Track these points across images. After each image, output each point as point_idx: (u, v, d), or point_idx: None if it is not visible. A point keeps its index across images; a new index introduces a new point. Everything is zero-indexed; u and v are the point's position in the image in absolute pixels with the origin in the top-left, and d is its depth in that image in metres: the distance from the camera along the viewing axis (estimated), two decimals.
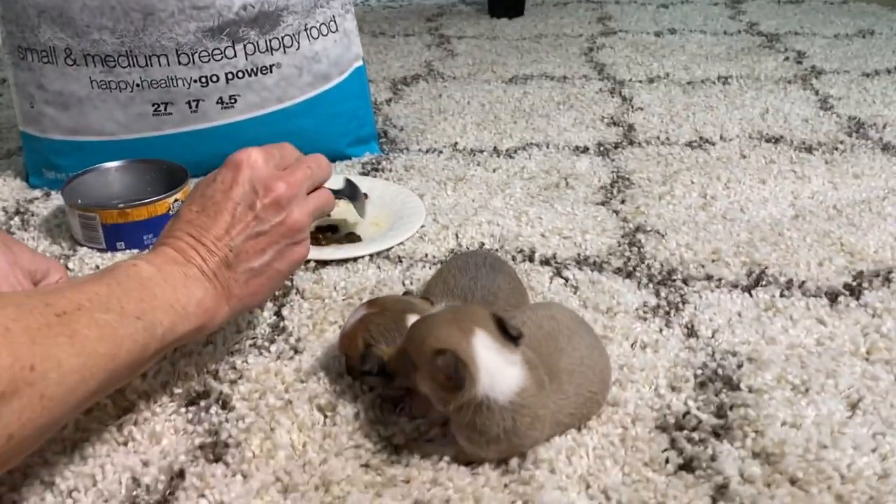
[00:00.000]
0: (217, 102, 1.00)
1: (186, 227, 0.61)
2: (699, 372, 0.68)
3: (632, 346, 0.73)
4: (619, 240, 0.91)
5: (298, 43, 1.02)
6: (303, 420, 0.63)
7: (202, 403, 0.65)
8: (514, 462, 0.58)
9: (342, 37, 1.07)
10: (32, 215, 0.97)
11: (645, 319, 0.76)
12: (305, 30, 1.02)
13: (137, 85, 0.97)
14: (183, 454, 0.60)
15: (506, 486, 0.57)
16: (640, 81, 1.48)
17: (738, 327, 0.74)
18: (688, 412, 0.63)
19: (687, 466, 0.59)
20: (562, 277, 0.83)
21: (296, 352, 0.72)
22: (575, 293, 0.80)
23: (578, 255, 0.88)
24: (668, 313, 0.77)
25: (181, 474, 0.58)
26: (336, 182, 0.82)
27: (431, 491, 0.56)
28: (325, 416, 0.64)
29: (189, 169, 0.93)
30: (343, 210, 0.91)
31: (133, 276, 0.55)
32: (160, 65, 0.96)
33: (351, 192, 0.88)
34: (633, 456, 0.59)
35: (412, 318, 0.65)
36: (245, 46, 0.98)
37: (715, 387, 0.66)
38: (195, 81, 0.98)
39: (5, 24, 0.97)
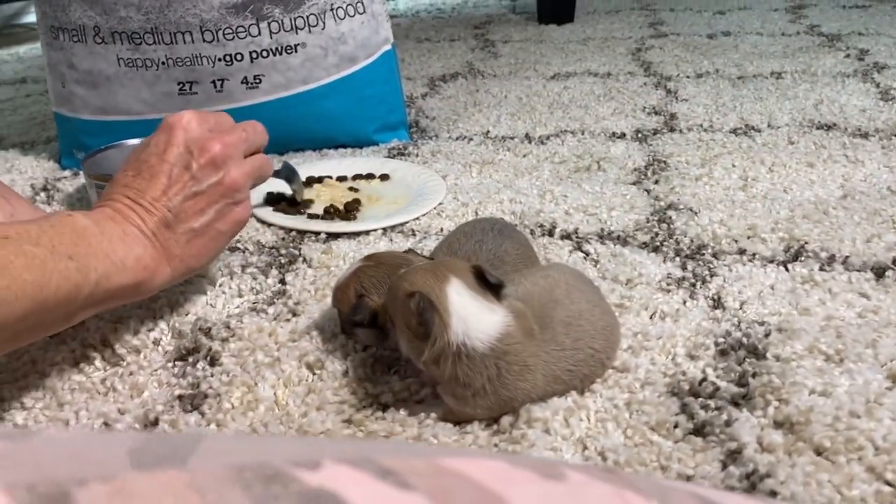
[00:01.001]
0: (242, 82, 1.00)
1: (123, 190, 0.60)
2: (721, 340, 0.62)
3: (651, 316, 0.67)
4: (647, 216, 0.86)
5: (324, 22, 1.01)
6: (289, 376, 0.60)
7: (190, 359, 0.63)
8: (505, 420, 0.53)
9: (370, 19, 1.05)
10: (58, 191, 0.98)
11: (668, 291, 0.71)
12: (331, 9, 1.01)
13: (163, 63, 0.97)
14: (161, 405, 0.57)
15: (495, 445, 0.52)
16: (688, 77, 1.42)
17: (769, 299, 0.68)
18: (704, 379, 0.58)
19: (698, 432, 0.53)
20: (582, 251, 0.78)
21: (294, 315, 0.69)
22: (595, 266, 0.76)
23: (602, 230, 0.83)
24: (693, 285, 0.71)
25: (156, 422, 0.56)
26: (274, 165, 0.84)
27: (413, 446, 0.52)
28: (313, 374, 0.61)
29: None
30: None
31: (67, 223, 0.53)
32: (185, 42, 0.96)
33: (287, 175, 0.88)
34: (637, 419, 0.54)
35: None
36: (269, 24, 0.98)
37: (738, 355, 0.60)
38: (220, 60, 0.98)
39: (40, 5, 0.99)
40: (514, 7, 2.32)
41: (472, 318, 0.51)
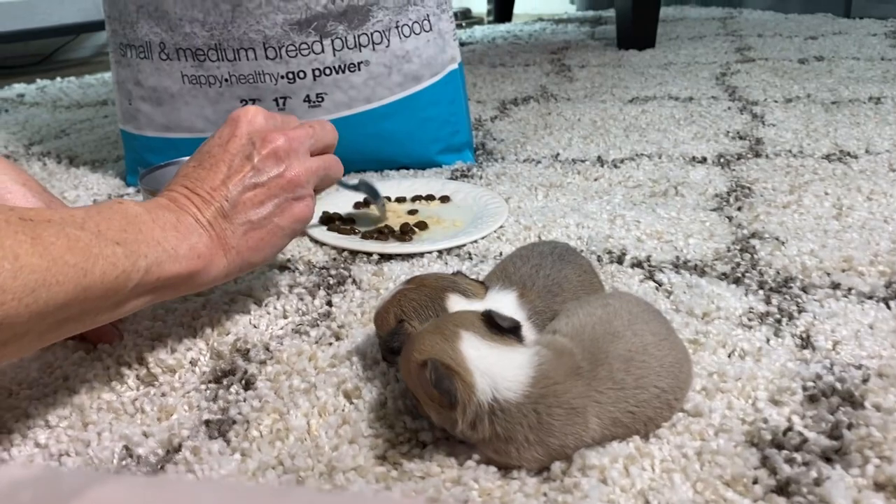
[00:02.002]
0: (304, 100, 0.98)
1: (182, 180, 0.59)
2: (810, 385, 0.55)
3: (729, 354, 0.60)
4: (728, 245, 0.78)
5: (388, 40, 0.98)
6: (324, 404, 0.55)
7: (225, 382, 0.59)
8: (556, 466, 0.47)
9: (436, 37, 1.02)
10: None
11: (749, 327, 0.63)
12: (396, 27, 0.98)
13: (226, 80, 0.96)
14: (187, 429, 0.54)
15: (544, 494, 0.46)
16: (776, 101, 1.33)
17: (867, 340, 0.60)
18: (790, 428, 0.50)
19: (781, 490, 0.45)
20: (653, 281, 0.72)
21: (336, 338, 0.65)
22: (668, 297, 0.69)
23: (677, 258, 0.76)
24: (778, 321, 0.64)
25: (178, 448, 0.52)
26: (351, 180, 0.85)
27: (451, 490, 0.46)
28: (350, 402, 0.56)
29: None
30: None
31: (117, 209, 0.52)
32: (248, 59, 0.95)
33: (367, 190, 0.86)
34: (709, 471, 0.47)
35: (453, 298, 0.57)
36: (333, 42, 0.96)
37: (830, 403, 0.52)
38: (282, 77, 0.96)
39: (110, 23, 1.00)
40: (594, 33, 2.27)
41: (496, 368, 0.46)
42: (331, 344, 0.64)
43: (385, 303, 0.58)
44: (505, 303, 0.59)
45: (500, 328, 0.48)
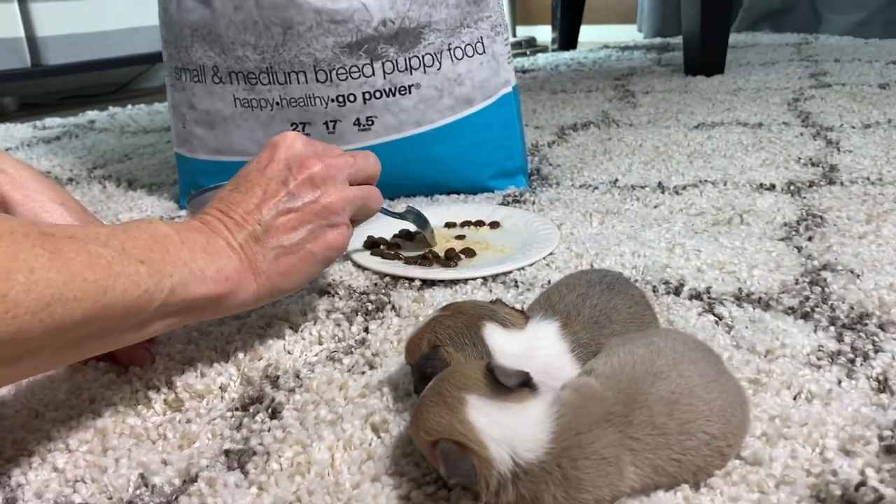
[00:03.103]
0: (354, 124, 0.97)
1: (217, 203, 0.58)
2: (887, 434, 0.49)
3: (794, 396, 0.54)
4: (797, 277, 0.72)
5: (440, 63, 0.96)
6: (349, 437, 0.52)
7: (251, 409, 0.57)
8: None
9: (490, 59, 0.99)
10: None
11: (818, 367, 0.57)
12: (448, 49, 0.96)
13: (277, 103, 0.96)
14: (207, 458, 0.51)
15: None
16: (853, 127, 1.26)
17: None
18: (863, 483, 0.44)
19: None
20: (713, 314, 0.66)
21: (370, 367, 0.62)
22: (728, 332, 0.63)
23: (739, 290, 0.70)
24: (851, 361, 0.58)
25: (195, 479, 0.49)
26: (397, 208, 0.84)
27: None
28: (378, 436, 0.53)
29: None
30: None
31: (144, 228, 0.51)
32: (298, 82, 0.94)
33: (415, 219, 0.84)
34: None
35: (490, 327, 0.53)
36: (384, 64, 0.94)
37: None
38: (332, 101, 0.95)
39: (166, 47, 1.01)
40: (661, 60, 2.21)
41: (511, 431, 0.42)
42: (363, 373, 0.61)
43: (419, 330, 0.55)
44: (546, 334, 0.55)
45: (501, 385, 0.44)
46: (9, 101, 2.39)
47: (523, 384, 0.45)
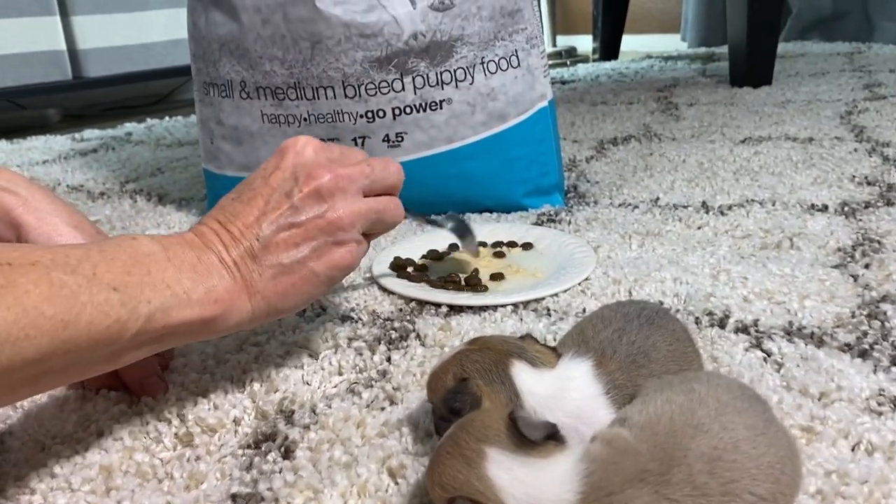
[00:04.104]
0: (383, 140, 0.94)
1: (217, 212, 0.54)
2: None
3: (853, 447, 0.49)
4: (853, 310, 0.67)
5: (472, 77, 0.93)
6: (364, 482, 0.49)
7: (263, 448, 0.54)
8: None
9: (525, 73, 0.96)
10: None
11: (879, 414, 0.52)
12: (482, 63, 0.93)
13: (305, 119, 0.93)
14: (212, 502, 0.48)
15: None
16: None
17: None
18: None
19: None
20: (761, 350, 0.61)
21: (391, 402, 0.58)
22: (777, 371, 0.59)
23: (790, 323, 0.65)
24: None
25: None
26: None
27: None
28: (394, 482, 0.49)
29: None
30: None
31: (126, 247, 0.47)
32: (327, 97, 0.92)
33: (456, 227, 0.78)
34: None
35: (518, 366, 0.49)
36: (414, 79, 0.91)
37: None
38: (361, 116, 0.92)
39: (195, 62, 0.99)
40: (705, 70, 2.15)
41: (535, 491, 0.38)
42: (383, 409, 0.57)
43: (443, 363, 0.51)
44: (579, 373, 0.51)
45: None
46: (52, 113, 2.42)
47: (549, 437, 0.41)
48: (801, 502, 0.44)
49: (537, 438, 0.40)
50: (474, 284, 0.75)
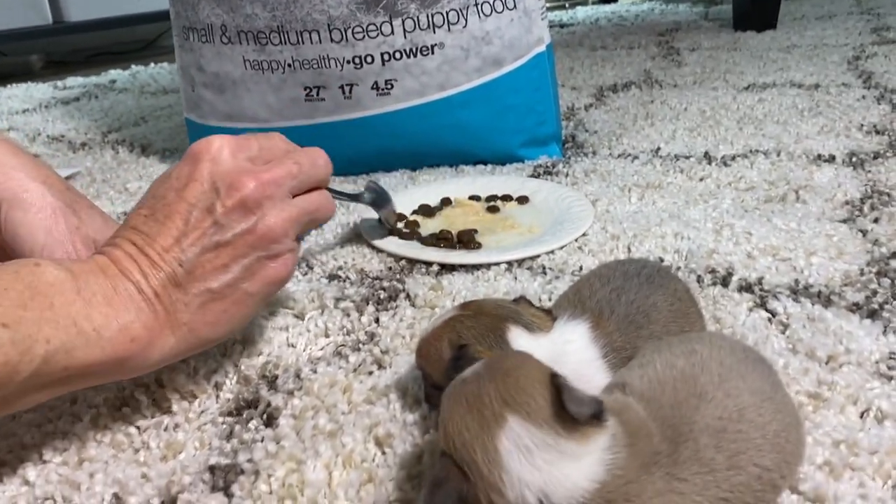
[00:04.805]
0: (372, 88, 0.89)
1: (130, 234, 0.47)
2: None
3: (861, 414, 0.47)
4: (862, 267, 0.64)
5: (466, 20, 0.88)
6: (350, 452, 0.46)
7: (244, 415, 0.51)
8: None
9: (521, 16, 0.91)
10: None
11: (889, 378, 0.50)
12: (475, 5, 0.88)
13: (289, 65, 0.89)
14: (190, 475, 0.46)
15: None
16: None
17: None
18: None
19: None
20: (766, 310, 0.59)
21: (379, 366, 0.56)
22: (783, 332, 0.56)
23: (796, 281, 0.62)
24: None
25: (174, 501, 0.44)
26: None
27: None
28: (381, 452, 0.47)
29: (341, 165, 0.81)
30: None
31: (25, 276, 0.41)
32: (311, 42, 0.87)
33: (374, 199, 0.73)
34: None
35: (515, 331, 0.47)
36: (404, 22, 0.86)
37: None
38: (348, 62, 0.88)
39: (174, 5, 0.94)
40: (708, 14, 2.08)
41: (553, 479, 0.34)
42: (370, 373, 0.55)
43: (435, 329, 0.48)
44: (575, 336, 0.48)
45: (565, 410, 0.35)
46: (35, 59, 2.35)
47: (594, 416, 0.35)
48: (808, 475, 0.42)
49: (583, 417, 0.35)
50: (467, 241, 0.72)
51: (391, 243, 0.73)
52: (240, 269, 0.48)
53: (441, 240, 0.73)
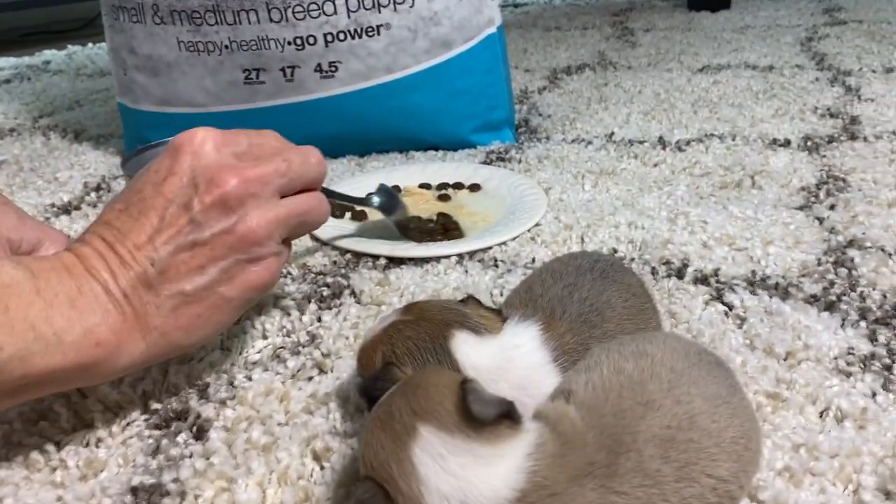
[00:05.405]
0: (315, 70, 0.85)
1: (101, 229, 0.44)
2: None
3: (821, 414, 0.45)
4: (819, 256, 0.62)
5: None
6: (285, 469, 0.43)
7: (173, 427, 0.48)
8: None
9: None
10: (109, 192, 0.87)
11: (848, 374, 0.48)
12: None
13: (226, 47, 0.84)
14: (110, 497, 0.42)
15: None
16: (874, 71, 1.15)
17: None
18: None
19: None
20: (722, 303, 0.57)
21: (319, 370, 0.52)
22: (739, 327, 0.54)
23: (753, 273, 0.61)
24: (888, 368, 0.49)
25: None
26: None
27: None
28: (320, 467, 0.44)
29: None
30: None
31: None
32: (250, 22, 0.82)
33: (384, 202, 0.68)
34: None
35: (460, 337, 0.44)
36: (347, 1, 0.82)
37: None
38: (289, 43, 0.83)
39: None
40: None
41: (468, 486, 0.32)
42: (310, 379, 0.51)
43: (374, 337, 0.45)
44: (525, 339, 0.46)
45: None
46: None
47: (504, 416, 0.34)
48: (767, 482, 0.40)
49: (487, 418, 0.34)
50: (450, 229, 0.70)
51: (336, 235, 0.70)
52: (217, 272, 0.44)
53: (425, 234, 0.69)
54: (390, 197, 0.69)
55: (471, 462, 0.33)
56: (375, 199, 0.68)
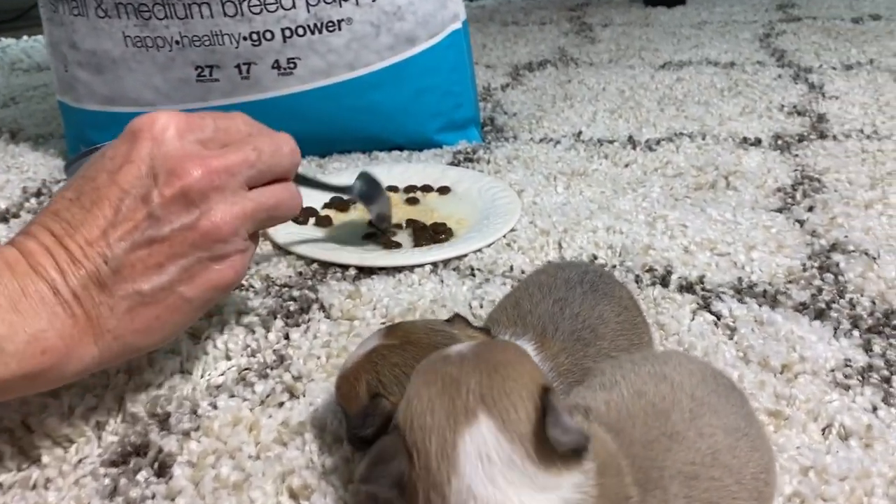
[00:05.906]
0: (272, 67, 0.80)
1: (50, 220, 0.40)
2: None
3: (823, 431, 0.43)
4: (804, 261, 0.61)
5: None
6: None
7: (131, 464, 0.43)
8: None
9: None
10: (51, 198, 0.81)
11: (847, 388, 0.47)
12: None
13: (177, 42, 0.79)
14: None
15: None
16: (834, 68, 1.15)
17: None
18: None
19: None
20: (711, 312, 0.55)
21: (290, 395, 0.48)
22: (731, 338, 0.52)
23: (739, 280, 0.59)
24: (886, 381, 0.47)
25: None
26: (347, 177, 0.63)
27: None
28: None
29: None
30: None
31: None
32: (202, 16, 0.77)
33: (365, 191, 0.64)
34: None
35: None
36: None
37: None
38: (245, 39, 0.79)
39: None
40: None
41: (499, 495, 0.29)
42: (281, 405, 0.48)
43: (355, 363, 0.41)
44: None
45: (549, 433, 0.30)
46: None
47: (575, 450, 0.30)
48: None
49: (561, 448, 0.29)
50: (440, 232, 0.67)
51: (298, 241, 0.65)
52: (177, 271, 0.41)
53: (423, 238, 0.66)
54: (373, 185, 0.64)
55: (518, 480, 0.29)
56: (355, 187, 0.63)
